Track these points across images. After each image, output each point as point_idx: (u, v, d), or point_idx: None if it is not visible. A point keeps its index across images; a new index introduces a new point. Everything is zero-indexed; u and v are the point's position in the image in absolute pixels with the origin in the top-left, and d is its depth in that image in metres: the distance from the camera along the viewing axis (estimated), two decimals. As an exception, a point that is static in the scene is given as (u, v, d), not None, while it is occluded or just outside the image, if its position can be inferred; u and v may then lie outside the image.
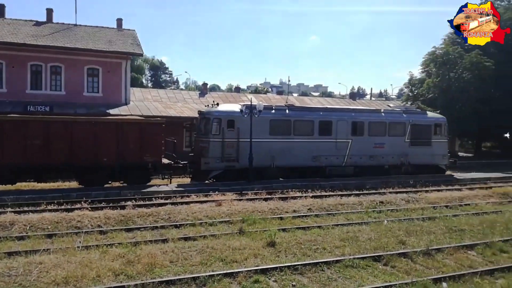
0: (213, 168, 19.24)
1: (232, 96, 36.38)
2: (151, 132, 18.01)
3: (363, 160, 22.18)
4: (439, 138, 23.95)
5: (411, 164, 23.19)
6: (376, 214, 14.10)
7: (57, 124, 16.86)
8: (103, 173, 17.45)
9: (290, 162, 20.53)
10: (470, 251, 9.86)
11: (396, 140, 22.83)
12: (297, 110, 21.90)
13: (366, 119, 22.41)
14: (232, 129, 19.28)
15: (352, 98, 46.82)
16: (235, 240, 10.17)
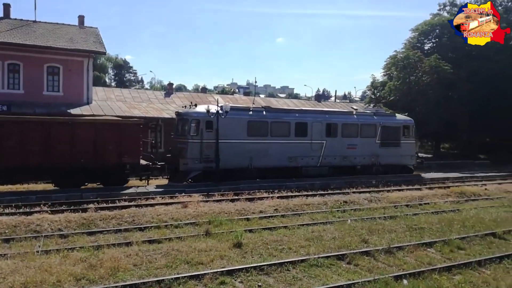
0: (192, 169, 19.20)
1: (199, 97, 36.07)
2: (129, 133, 17.77)
3: (337, 161, 22.78)
4: (407, 139, 24.93)
5: (382, 164, 24.04)
6: (340, 213, 14.38)
7: (32, 124, 16.41)
8: (80, 175, 17.11)
9: (267, 162, 20.80)
10: (429, 248, 10.21)
11: (368, 141, 23.59)
12: (274, 111, 22.19)
13: (340, 121, 23.03)
14: (211, 130, 19.24)
15: (318, 100, 47.57)
16: (201, 242, 10.10)
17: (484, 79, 35.63)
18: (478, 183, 22.95)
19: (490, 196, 18.95)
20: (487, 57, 36.74)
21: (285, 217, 13.69)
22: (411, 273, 8.13)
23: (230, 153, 19.55)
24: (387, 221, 13.07)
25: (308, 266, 8.55)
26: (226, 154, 19.33)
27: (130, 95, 32.80)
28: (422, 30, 40.96)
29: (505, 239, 11.30)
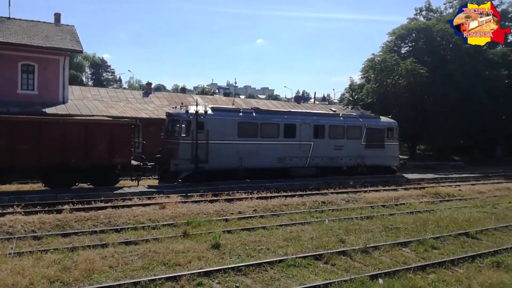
0: (183, 169, 19.25)
1: (178, 97, 35.79)
2: (121, 133, 17.81)
3: (324, 162, 23.19)
4: (391, 141, 25.64)
5: (367, 165, 24.60)
6: (318, 214, 14.50)
7: (24, 124, 16.29)
8: (71, 175, 17.09)
9: (257, 163, 21.01)
10: (404, 248, 10.40)
11: (353, 143, 24.14)
12: (263, 113, 22.41)
13: (327, 122, 23.53)
14: (202, 131, 19.39)
15: (297, 102, 47.85)
16: (179, 243, 10.02)
17: (458, 82, 36.52)
18: (452, 184, 23.52)
19: (464, 197, 19.45)
20: (461, 61, 37.71)
21: (263, 218, 13.71)
22: (386, 272, 8.28)
23: (221, 154, 19.74)
24: (363, 221, 13.26)
25: (285, 266, 8.59)
26: (217, 155, 19.59)
27: (107, 95, 32.27)
28: (399, 34, 41.68)
29: (477, 238, 11.62)
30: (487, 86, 38.36)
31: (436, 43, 38.84)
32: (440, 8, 50.83)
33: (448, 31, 38.47)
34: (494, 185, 23.62)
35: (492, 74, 39.51)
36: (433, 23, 40.50)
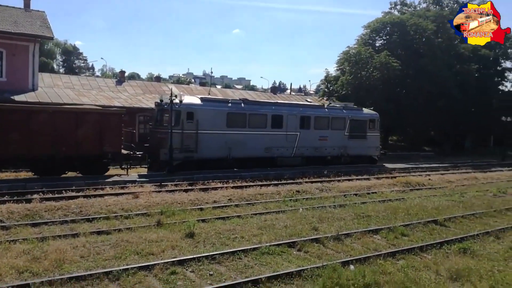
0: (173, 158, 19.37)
1: (152, 86, 35.26)
2: (111, 122, 17.82)
3: (310, 151, 23.88)
4: (373, 132, 26.70)
5: (350, 155, 25.52)
6: (292, 202, 14.63)
7: (13, 113, 16.20)
8: (61, 164, 17.10)
9: (245, 153, 21.48)
10: (375, 235, 10.63)
11: (337, 133, 24.97)
12: (251, 104, 22.88)
13: (313, 114, 24.19)
14: (191, 121, 19.70)
15: (273, 92, 47.90)
16: (152, 232, 9.94)
17: (430, 76, 37.36)
18: (422, 173, 24.15)
19: (433, 186, 19.97)
20: (434, 55, 38.55)
21: (238, 207, 13.74)
22: (357, 259, 8.44)
23: (210, 144, 20.11)
24: (336, 209, 13.46)
25: (259, 254, 8.66)
26: (207, 144, 20.00)
27: (79, 82, 31.44)
28: (374, 27, 42.19)
29: (445, 225, 11.98)
30: (458, 80, 39.49)
31: (410, 37, 39.55)
32: (414, 2, 52.02)
33: (422, 25, 39.28)
34: (463, 174, 24.37)
35: (463, 68, 40.68)
36: (407, 18, 41.19)
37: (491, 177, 24.25)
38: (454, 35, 42.02)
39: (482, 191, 18.22)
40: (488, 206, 14.77)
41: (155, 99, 28.02)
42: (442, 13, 43.22)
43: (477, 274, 7.95)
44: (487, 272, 8.11)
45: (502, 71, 50.11)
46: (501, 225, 12.18)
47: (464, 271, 7.93)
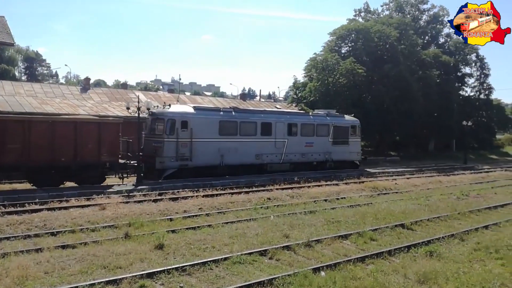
0: (168, 167, 19.94)
1: (119, 93, 34.56)
2: (109, 131, 18.11)
3: (297, 158, 24.82)
4: (354, 138, 28.01)
5: (334, 160, 26.66)
6: (263, 210, 14.61)
7: (12, 123, 16.50)
8: (59, 173, 17.32)
9: (237, 160, 22.13)
10: (345, 240, 10.75)
11: (322, 139, 26.05)
12: (242, 112, 23.62)
13: (299, 121, 25.23)
14: (186, 129, 20.14)
15: (243, 99, 47.94)
16: (120, 245, 9.68)
17: (394, 81, 38.46)
18: (389, 178, 24.72)
19: (400, 190, 20.46)
20: (397, 61, 39.74)
21: (209, 216, 13.59)
22: (328, 265, 8.49)
23: (204, 152, 20.66)
24: (307, 215, 13.54)
25: (231, 263, 8.58)
26: (200, 152, 20.53)
27: (42, 90, 30.40)
28: (340, 34, 43.04)
29: (412, 229, 12.25)
30: (421, 85, 40.82)
31: (374, 43, 40.60)
32: (377, 10, 53.27)
33: (385, 32, 40.43)
34: (427, 178, 25.12)
35: (425, 74, 42.10)
36: (371, 25, 42.29)
37: (454, 180, 25.07)
38: (416, 42, 43.68)
39: (446, 194, 18.76)
40: (452, 209, 15.21)
41: (121, 107, 27.57)
42: (405, 21, 44.67)
43: (443, 276, 8.16)
44: (453, 274, 8.33)
45: (462, 77, 52.34)
46: (465, 227, 12.57)
47: (431, 274, 8.12)
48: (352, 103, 36.55)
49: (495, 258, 9.56)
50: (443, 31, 53.59)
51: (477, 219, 14.10)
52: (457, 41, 51.71)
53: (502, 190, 21.01)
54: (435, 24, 52.70)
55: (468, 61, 52.35)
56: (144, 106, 18.75)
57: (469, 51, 51.21)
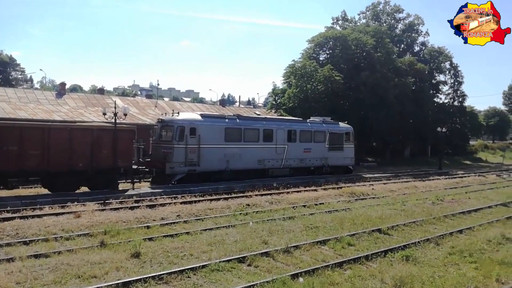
0: (177, 172, 20.68)
1: (95, 98, 34.00)
2: (124, 138, 18.73)
3: (296, 163, 26.04)
4: (348, 144, 29.33)
5: (330, 166, 27.96)
6: (242, 216, 14.56)
7: (32, 130, 16.91)
8: (77, 178, 17.79)
9: (241, 165, 23.09)
10: (323, 246, 10.79)
11: (319, 145, 27.34)
12: (245, 119, 24.78)
13: (298, 128, 26.37)
14: (194, 136, 20.99)
15: (222, 105, 47.89)
16: (95, 253, 9.46)
17: (371, 89, 39.13)
18: (366, 183, 25.02)
19: (377, 195, 20.72)
20: (373, 68, 40.48)
21: (187, 223, 13.44)
22: (306, 271, 8.50)
23: (211, 157, 21.56)
24: (286, 221, 13.55)
25: (209, 271, 8.49)
26: (208, 158, 21.41)
27: (15, 95, 29.66)
28: (318, 41, 43.60)
29: (389, 234, 12.41)
30: (397, 92, 41.64)
31: (351, 51, 41.27)
32: (354, 18, 54.32)
33: (362, 40, 41.17)
34: (403, 183, 25.56)
35: (401, 81, 43.01)
36: (348, 33, 43.01)
37: (429, 185, 25.58)
38: (392, 50, 44.62)
39: (421, 199, 19.10)
40: (427, 214, 15.50)
41: (98, 112, 27.12)
42: (381, 29, 45.61)
43: (419, 280, 8.28)
44: (428, 278, 8.47)
45: (437, 84, 53.74)
46: (440, 231, 12.82)
47: (407, 278, 8.22)
48: (330, 109, 36.94)
49: (469, 262, 9.78)
50: (418, 39, 55.08)
51: (451, 223, 14.42)
52: (432, 50, 53.28)
53: (475, 195, 21.53)
54: (410, 33, 54.05)
55: (442, 69, 53.85)
56: (121, 112, 18.44)
57: (443, 59, 52.72)
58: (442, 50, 53.33)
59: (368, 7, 54.67)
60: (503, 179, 31.12)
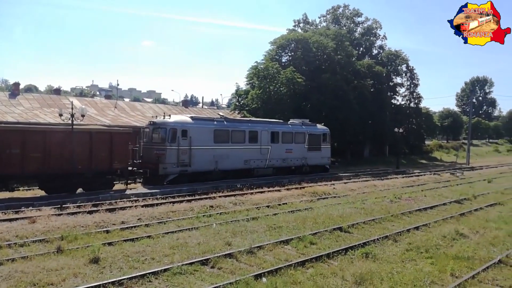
0: (170, 172, 21.42)
1: (51, 99, 32.73)
2: (120, 140, 19.36)
3: (279, 163, 27.50)
4: (325, 145, 31.13)
5: (309, 165, 29.69)
6: (206, 218, 14.45)
7: (33, 133, 17.16)
8: (76, 180, 18.14)
9: (229, 165, 24.20)
10: (286, 245, 10.90)
11: (299, 146, 28.95)
12: (232, 121, 26.09)
13: (281, 129, 27.88)
14: (185, 138, 21.81)
15: (185, 106, 47.46)
16: (52, 260, 9.11)
17: (332, 90, 39.91)
18: (328, 183, 25.43)
19: (338, 195, 21.15)
20: (334, 71, 41.32)
21: (149, 227, 13.17)
22: (269, 271, 8.55)
23: (201, 158, 22.51)
24: (249, 222, 13.59)
25: (171, 274, 8.37)
26: (198, 159, 22.31)
27: (-37, 96, 28.03)
28: (280, 43, 43.98)
29: (349, 232, 12.70)
30: (357, 94, 42.71)
31: (312, 53, 41.94)
32: (315, 21, 55.23)
33: (323, 43, 41.94)
34: (363, 183, 26.23)
35: (360, 83, 44.14)
36: (310, 35, 43.69)
37: (387, 184, 26.40)
38: (352, 53, 45.78)
39: (380, 198, 19.68)
40: (386, 212, 15.99)
41: (54, 113, 26.16)
42: (341, 32, 46.64)
43: (378, 276, 8.53)
44: (387, 274, 8.74)
45: (394, 86, 55.57)
46: (398, 228, 13.26)
47: (367, 275, 8.45)
48: (293, 111, 37.38)
49: (425, 257, 10.17)
50: (376, 43, 56.75)
51: (408, 220, 14.94)
52: (389, 53, 55.07)
53: (431, 192, 22.42)
54: (369, 36, 55.60)
55: (399, 72, 55.74)
56: (79, 113, 17.84)
57: (400, 62, 54.58)
58: (399, 53, 55.23)
59: (329, 11, 55.83)
60: (456, 177, 32.62)
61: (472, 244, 11.42)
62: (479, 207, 17.66)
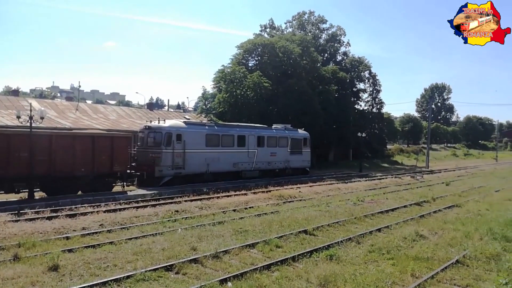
0: (166, 175, 22.66)
1: (9, 100, 31.39)
2: (120, 144, 20.24)
3: (264, 166, 29.27)
4: (306, 148, 33.31)
5: (291, 168, 31.72)
6: (171, 223, 14.23)
7: (39, 137, 17.68)
8: (78, 182, 19.02)
9: (219, 168, 25.71)
10: (252, 249, 10.91)
11: (283, 150, 30.92)
12: (222, 126, 27.57)
13: (266, 134, 29.67)
14: (180, 141, 23.12)
15: (150, 109, 46.70)
16: (8, 268, 8.70)
17: (298, 95, 40.39)
18: (294, 186, 25.73)
19: (303, 198, 21.39)
20: (299, 76, 41.85)
21: (111, 232, 12.83)
22: (235, 275, 8.51)
23: (194, 161, 23.86)
24: (215, 226, 13.49)
25: (134, 281, 8.18)
26: (191, 162, 23.62)
27: None
28: (246, 48, 44.09)
29: (314, 234, 12.86)
30: (321, 99, 43.44)
31: (279, 58, 42.32)
32: (281, 27, 55.82)
33: (289, 48, 42.42)
34: (328, 186, 26.67)
35: (325, 88, 44.95)
36: (276, 40, 44.09)
37: (351, 187, 26.95)
38: (317, 59, 46.55)
39: (344, 200, 20.05)
40: (349, 214, 16.30)
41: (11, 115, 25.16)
42: (306, 38, 47.35)
43: (342, 278, 8.67)
44: (350, 275, 8.89)
45: (357, 92, 56.97)
46: (361, 231, 13.53)
47: (331, 277, 8.57)
48: (260, 115, 37.54)
49: (387, 259, 10.43)
50: (340, 49, 58.00)
51: (371, 222, 15.30)
52: (352, 59, 56.45)
53: (392, 195, 23.08)
54: (333, 43, 56.76)
55: (362, 78, 57.20)
56: (38, 115, 17.19)
57: (363, 68, 56.04)
58: (362, 60, 56.69)
59: (294, 17, 56.54)
60: (416, 180, 33.72)
61: (431, 245, 11.80)
62: (438, 209, 18.30)
